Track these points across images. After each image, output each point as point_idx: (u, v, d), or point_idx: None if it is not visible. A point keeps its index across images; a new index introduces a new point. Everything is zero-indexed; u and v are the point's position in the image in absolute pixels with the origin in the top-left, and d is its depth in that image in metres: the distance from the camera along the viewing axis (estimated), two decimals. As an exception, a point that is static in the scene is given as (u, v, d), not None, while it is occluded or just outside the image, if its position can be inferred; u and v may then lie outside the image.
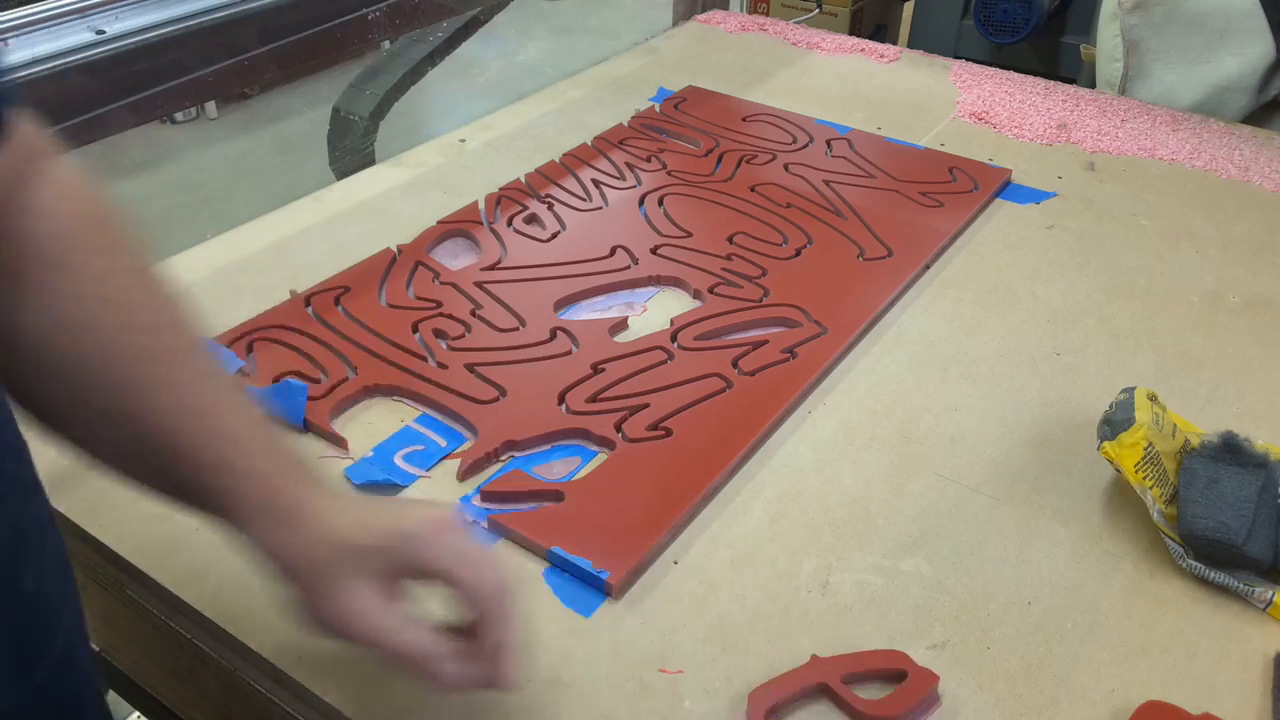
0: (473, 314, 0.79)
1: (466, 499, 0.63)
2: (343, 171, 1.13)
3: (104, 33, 0.80)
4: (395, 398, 0.71)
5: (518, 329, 0.77)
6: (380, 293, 0.81)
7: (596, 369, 0.73)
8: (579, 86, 1.20)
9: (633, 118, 1.11)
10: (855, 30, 2.19)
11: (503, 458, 0.67)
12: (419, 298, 0.81)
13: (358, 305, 0.79)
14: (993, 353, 0.78)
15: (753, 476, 0.66)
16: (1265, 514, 0.59)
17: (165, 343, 0.44)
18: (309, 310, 0.78)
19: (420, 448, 0.67)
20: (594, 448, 0.68)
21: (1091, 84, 1.39)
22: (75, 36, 0.79)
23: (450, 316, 0.79)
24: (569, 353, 0.75)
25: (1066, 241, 0.92)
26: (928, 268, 0.88)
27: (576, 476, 0.65)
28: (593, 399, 0.70)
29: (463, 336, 0.76)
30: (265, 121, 2.67)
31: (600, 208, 0.94)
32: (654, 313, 0.81)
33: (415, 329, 0.77)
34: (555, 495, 0.63)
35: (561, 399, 0.71)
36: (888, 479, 0.66)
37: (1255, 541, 0.58)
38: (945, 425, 0.71)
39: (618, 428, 0.68)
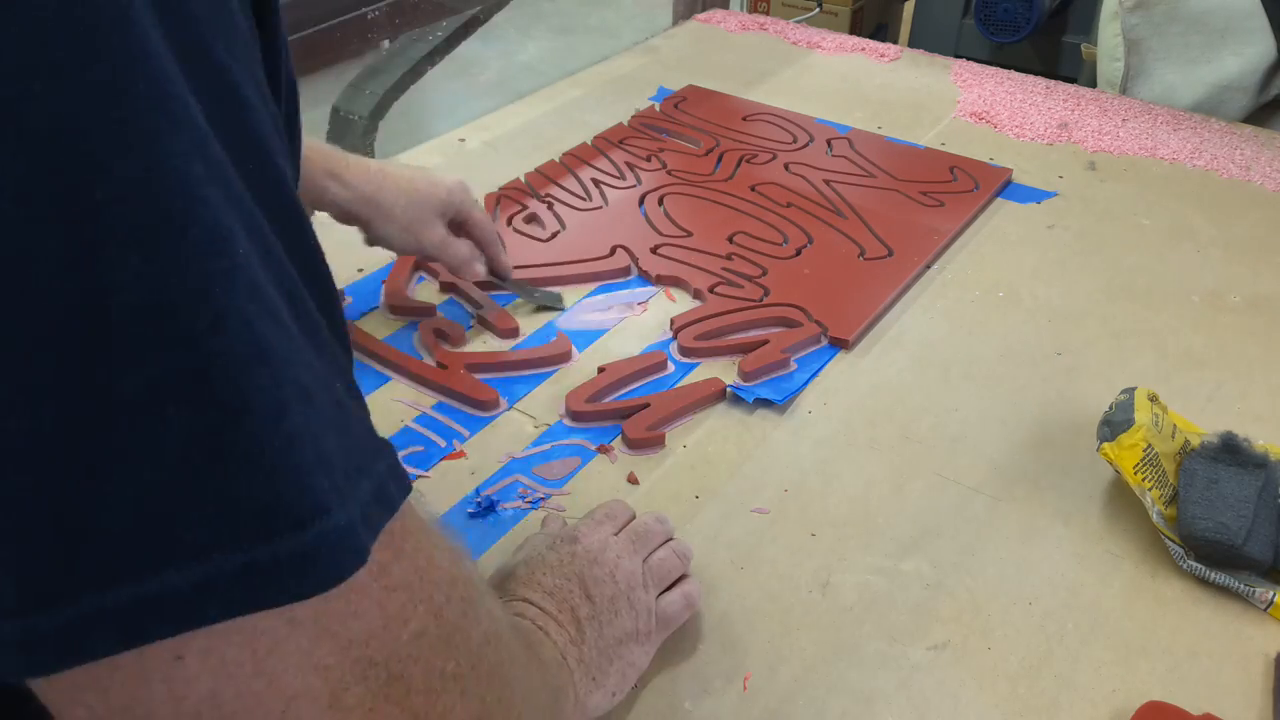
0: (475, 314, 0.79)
1: (468, 499, 0.63)
2: (342, 171, 1.13)
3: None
4: (394, 398, 0.71)
5: (517, 330, 0.78)
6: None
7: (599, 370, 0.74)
8: (579, 86, 1.20)
9: (633, 117, 1.11)
10: (856, 29, 2.18)
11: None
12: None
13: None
14: (993, 353, 0.78)
15: (753, 476, 0.66)
16: (1265, 514, 0.58)
17: None
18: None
19: (420, 449, 0.67)
20: (594, 448, 0.68)
21: (1092, 83, 1.39)
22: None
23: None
24: (568, 352, 0.75)
25: (1067, 241, 0.92)
26: (928, 267, 0.88)
27: (576, 476, 0.65)
28: (593, 399, 0.70)
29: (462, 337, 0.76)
30: (265, 121, 2.66)
31: (600, 207, 0.94)
32: (654, 312, 0.81)
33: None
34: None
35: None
36: (888, 479, 0.66)
37: (1255, 542, 0.57)
38: (946, 425, 0.71)
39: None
